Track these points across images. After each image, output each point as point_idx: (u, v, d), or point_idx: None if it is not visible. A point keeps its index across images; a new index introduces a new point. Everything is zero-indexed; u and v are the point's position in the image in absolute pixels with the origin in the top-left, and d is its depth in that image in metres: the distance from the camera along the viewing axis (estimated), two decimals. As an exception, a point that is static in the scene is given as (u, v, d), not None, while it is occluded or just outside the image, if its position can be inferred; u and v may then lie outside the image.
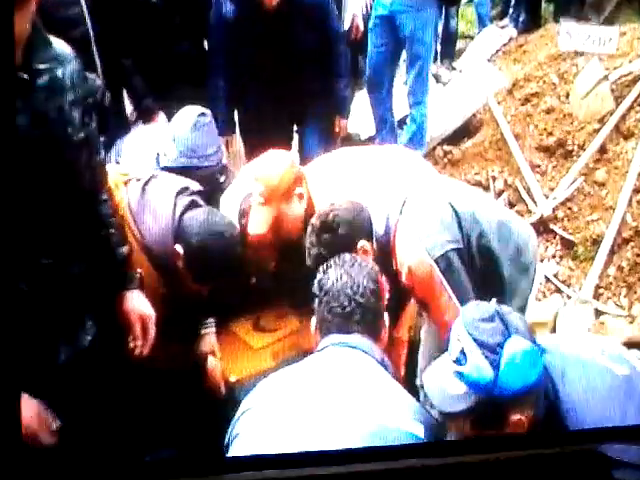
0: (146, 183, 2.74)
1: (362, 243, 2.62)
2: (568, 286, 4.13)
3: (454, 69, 6.05)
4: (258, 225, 2.89)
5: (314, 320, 2.23)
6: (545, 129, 4.97)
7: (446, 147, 5.30)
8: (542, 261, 4.25)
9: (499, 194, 4.84)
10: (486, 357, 1.87)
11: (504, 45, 6.28)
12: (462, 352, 1.91)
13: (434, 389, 1.97)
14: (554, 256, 4.34)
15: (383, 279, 2.30)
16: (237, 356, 3.10)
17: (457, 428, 2.00)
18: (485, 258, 2.60)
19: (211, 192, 3.06)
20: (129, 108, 4.16)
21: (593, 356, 2.01)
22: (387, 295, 2.29)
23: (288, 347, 3.08)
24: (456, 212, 2.55)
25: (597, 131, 4.72)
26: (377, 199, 2.69)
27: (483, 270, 2.60)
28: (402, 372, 3.07)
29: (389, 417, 1.94)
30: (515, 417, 1.90)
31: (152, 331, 2.40)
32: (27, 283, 1.99)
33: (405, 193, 2.65)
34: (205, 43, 4.07)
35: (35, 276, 2.03)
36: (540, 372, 1.91)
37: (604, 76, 4.83)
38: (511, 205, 4.73)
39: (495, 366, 1.86)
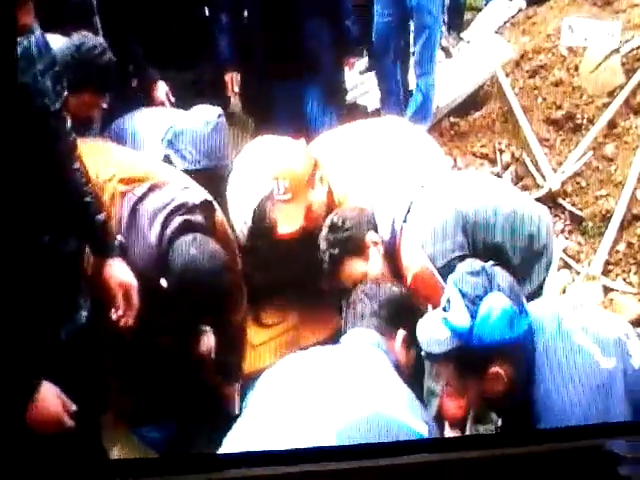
0: (140, 200, 2.57)
1: (370, 235, 2.64)
2: (577, 262, 4.10)
3: (462, 40, 5.96)
4: (291, 223, 2.87)
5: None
6: (554, 102, 4.91)
7: (453, 119, 5.23)
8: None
9: (506, 167, 4.80)
10: (466, 306, 2.02)
11: (512, 17, 6.18)
12: (448, 300, 2.07)
13: (422, 333, 2.13)
14: (563, 231, 4.31)
15: None
16: None
17: (443, 372, 2.23)
18: (492, 253, 2.56)
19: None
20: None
21: (584, 340, 2.05)
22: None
23: (287, 343, 3.05)
24: (462, 216, 2.54)
25: (607, 105, 4.67)
26: (382, 202, 2.69)
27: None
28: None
29: (386, 406, 2.01)
30: (493, 369, 2.03)
31: (135, 300, 2.35)
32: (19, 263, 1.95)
33: (410, 196, 2.63)
34: (206, 10, 4.03)
35: (27, 255, 1.98)
36: (520, 333, 2.02)
37: (614, 49, 4.76)
38: (519, 179, 4.69)
39: (473, 316, 2.01)
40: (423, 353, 2.17)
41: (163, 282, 2.51)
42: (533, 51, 5.30)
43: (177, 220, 2.54)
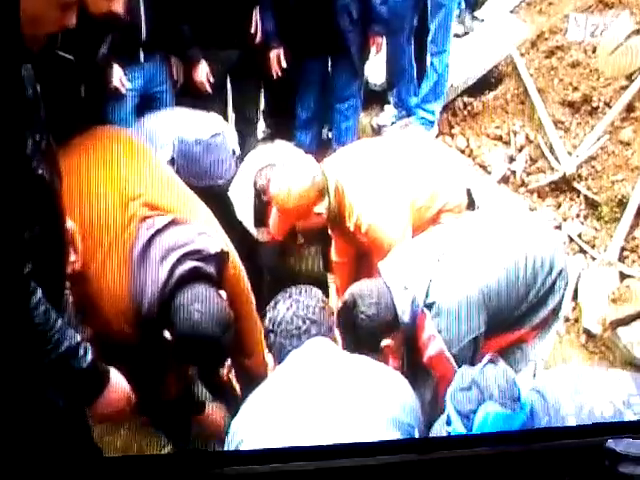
0: (159, 232, 2.53)
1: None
2: (592, 247, 4.04)
3: (476, 19, 5.87)
4: (275, 231, 3.17)
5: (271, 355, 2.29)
6: (570, 84, 4.84)
7: (467, 98, 5.15)
8: (565, 220, 4.18)
9: (520, 149, 4.73)
10: (462, 423, 2.15)
11: (528, -4, 6.10)
12: (448, 416, 2.21)
13: None
14: (578, 215, 4.25)
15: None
16: None
17: None
18: (514, 307, 2.76)
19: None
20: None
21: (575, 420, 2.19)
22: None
23: None
24: (484, 295, 2.64)
25: (625, 88, 4.60)
26: (400, 281, 2.68)
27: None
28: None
29: None
30: None
31: (78, 241, 2.32)
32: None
33: (429, 274, 2.66)
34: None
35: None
36: (516, 427, 2.14)
37: (634, 30, 4.68)
38: (532, 161, 4.63)
39: (469, 430, 2.14)
40: None
41: (167, 334, 2.48)
42: (549, 31, 5.22)
43: (188, 264, 2.51)
